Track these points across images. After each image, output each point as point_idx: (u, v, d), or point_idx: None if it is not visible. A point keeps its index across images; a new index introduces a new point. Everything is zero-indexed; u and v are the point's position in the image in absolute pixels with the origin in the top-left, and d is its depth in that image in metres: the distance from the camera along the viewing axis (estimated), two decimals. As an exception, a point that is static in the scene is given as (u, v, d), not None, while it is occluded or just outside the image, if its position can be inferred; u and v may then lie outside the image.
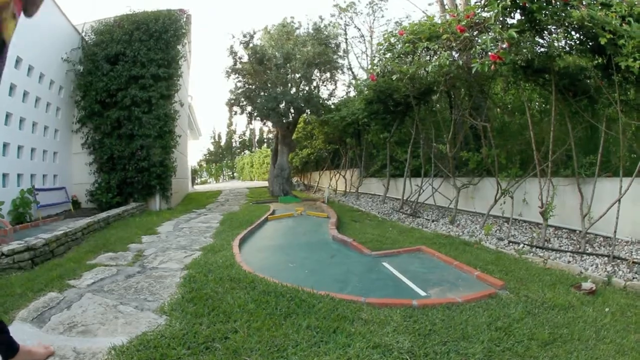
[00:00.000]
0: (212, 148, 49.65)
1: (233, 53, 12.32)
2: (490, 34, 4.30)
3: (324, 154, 13.53)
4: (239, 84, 12.59)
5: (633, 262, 3.72)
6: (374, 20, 22.21)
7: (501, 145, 5.83)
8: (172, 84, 9.62)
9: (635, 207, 4.14)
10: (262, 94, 11.95)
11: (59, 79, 8.53)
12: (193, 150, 24.47)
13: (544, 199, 4.84)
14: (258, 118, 12.02)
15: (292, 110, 11.77)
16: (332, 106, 11.97)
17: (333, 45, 12.46)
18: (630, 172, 4.09)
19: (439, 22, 6.00)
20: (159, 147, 9.05)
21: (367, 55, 23.40)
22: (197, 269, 3.61)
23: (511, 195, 5.47)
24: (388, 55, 6.99)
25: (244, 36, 11.97)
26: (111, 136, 8.94)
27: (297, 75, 11.99)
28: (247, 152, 42.40)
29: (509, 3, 3.99)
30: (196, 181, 27.57)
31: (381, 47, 7.45)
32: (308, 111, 11.84)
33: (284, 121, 11.60)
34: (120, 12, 9.84)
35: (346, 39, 22.25)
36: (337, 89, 13.27)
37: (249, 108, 12.55)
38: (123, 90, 8.90)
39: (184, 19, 10.32)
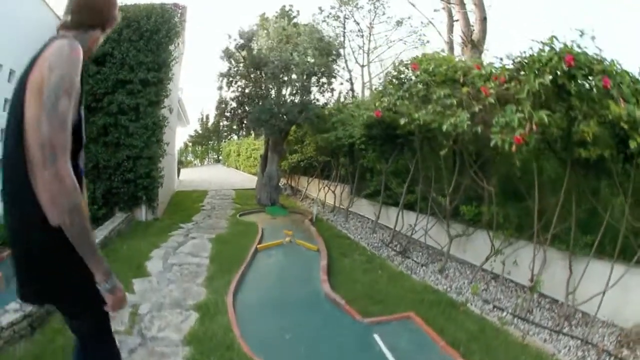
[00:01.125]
0: (199, 129, 49.14)
1: (228, 55, 12.35)
2: (518, 110, 4.06)
3: (315, 163, 13.59)
4: (231, 88, 12.69)
5: (602, 350, 3.95)
6: (375, 16, 22.28)
7: (502, 204, 5.84)
8: (161, 89, 9.40)
9: (622, 292, 4.30)
10: (256, 100, 12.04)
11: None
12: (180, 133, 24.38)
13: (535, 270, 5.00)
14: (250, 126, 12.21)
15: (285, 119, 11.72)
16: (327, 112, 11.99)
17: (334, 53, 12.57)
18: (625, 257, 4.26)
19: (453, 56, 5.85)
20: (145, 158, 8.99)
21: (363, 51, 23.55)
22: (197, 347, 3.70)
23: (503, 261, 5.59)
24: (395, 82, 6.91)
25: (241, 37, 11.98)
26: (97, 143, 8.78)
27: (294, 84, 12.09)
28: (234, 136, 42.14)
29: (548, 82, 3.85)
30: (182, 163, 27.39)
31: (389, 76, 7.35)
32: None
33: (277, 130, 11.67)
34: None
35: (344, 32, 22.36)
36: (333, 96, 13.22)
37: (239, 112, 12.69)
38: (110, 94, 8.69)
39: (179, 15, 10.06)
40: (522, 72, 4.20)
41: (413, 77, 6.35)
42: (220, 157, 45.55)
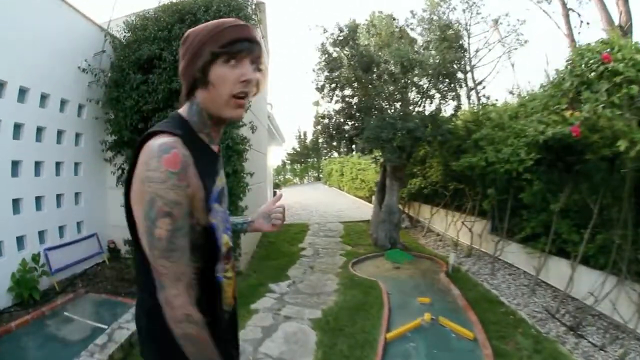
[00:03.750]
0: (297, 147, 48.76)
1: (326, 54, 9.93)
2: None
3: (441, 190, 10.73)
4: (334, 98, 10.24)
5: None
6: (471, 17, 19.83)
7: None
8: (236, 100, 6.91)
9: None
10: (371, 112, 9.46)
11: (76, 95, 6.72)
12: (276, 152, 23.10)
13: None
14: (364, 149, 9.58)
15: (411, 136, 8.90)
16: (462, 126, 9.35)
17: (457, 47, 9.76)
18: None
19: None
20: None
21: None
22: None
23: None
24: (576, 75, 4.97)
25: (340, 31, 9.54)
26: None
27: (418, 89, 9.39)
28: (335, 153, 40.83)
29: None
30: (278, 187, 25.74)
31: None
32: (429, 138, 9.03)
33: (400, 152, 8.94)
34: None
35: (440, 37, 20.18)
36: (460, 104, 10.23)
37: (347, 129, 10.20)
38: (161, 111, 6.41)
39: (252, 7, 7.56)
40: None
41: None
42: (321, 175, 44.29)
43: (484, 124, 8.71)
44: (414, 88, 9.42)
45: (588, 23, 16.81)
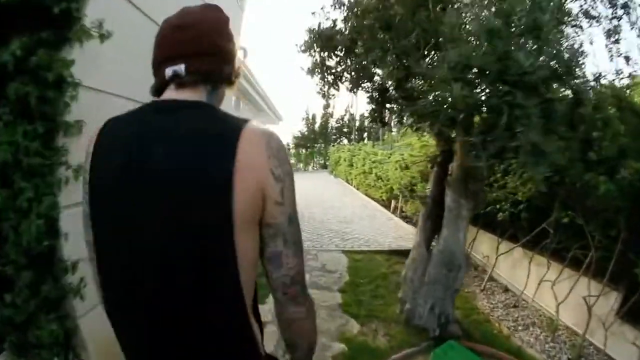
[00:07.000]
0: (305, 130, 46.33)
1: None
2: None
3: (526, 216, 5.78)
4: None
5: None
6: None
7: None
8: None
9: None
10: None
11: None
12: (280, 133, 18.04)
13: None
14: (417, 123, 4.34)
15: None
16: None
17: None
18: None
19: None
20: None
21: None
22: None
23: None
24: None
25: None
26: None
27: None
28: (344, 140, 36.35)
29: None
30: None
31: None
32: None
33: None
34: None
35: None
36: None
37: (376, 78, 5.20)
38: None
39: None
40: None
41: None
42: (327, 163, 40.08)
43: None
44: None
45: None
